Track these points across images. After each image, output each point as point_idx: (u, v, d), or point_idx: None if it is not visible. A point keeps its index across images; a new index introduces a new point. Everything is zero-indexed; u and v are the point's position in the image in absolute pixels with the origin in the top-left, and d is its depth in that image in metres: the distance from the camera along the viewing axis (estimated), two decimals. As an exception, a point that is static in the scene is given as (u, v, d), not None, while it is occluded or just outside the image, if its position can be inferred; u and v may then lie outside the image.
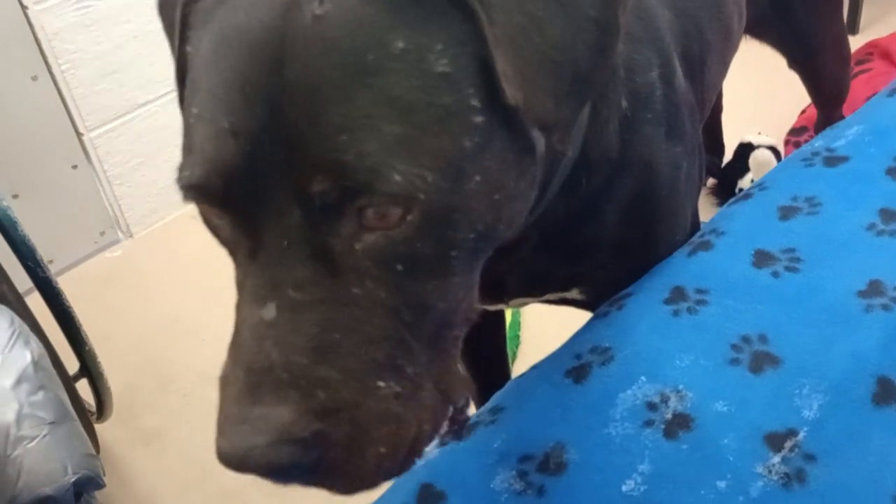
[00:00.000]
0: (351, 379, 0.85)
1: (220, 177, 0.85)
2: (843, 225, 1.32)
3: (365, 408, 0.86)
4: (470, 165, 0.86)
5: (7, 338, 1.95)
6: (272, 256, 0.86)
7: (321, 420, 0.83)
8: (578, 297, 1.46)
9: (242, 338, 0.86)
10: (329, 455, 0.84)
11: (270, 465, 0.82)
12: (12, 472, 1.75)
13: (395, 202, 0.83)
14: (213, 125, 0.85)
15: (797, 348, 1.15)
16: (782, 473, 1.03)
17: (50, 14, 2.97)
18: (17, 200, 3.07)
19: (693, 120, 1.42)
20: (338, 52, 0.82)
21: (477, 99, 0.86)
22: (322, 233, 0.85)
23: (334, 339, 0.85)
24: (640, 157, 1.28)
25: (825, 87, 2.56)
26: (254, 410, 0.82)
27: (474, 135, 0.86)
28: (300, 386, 0.83)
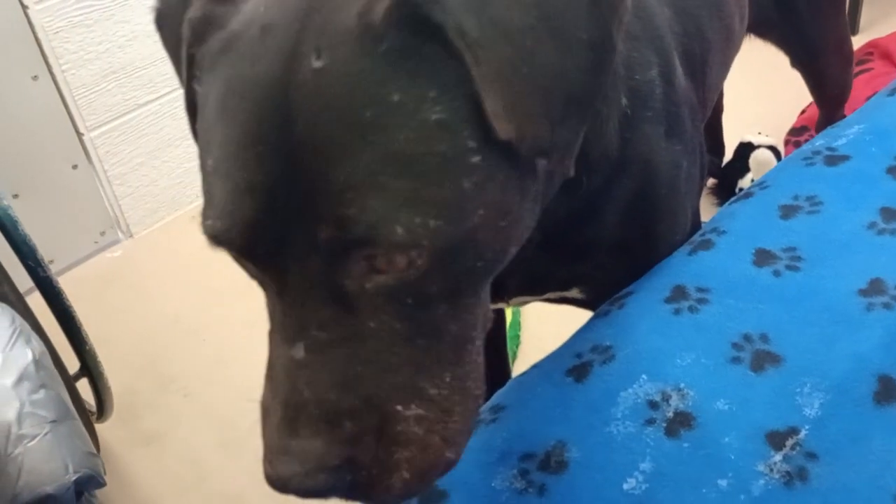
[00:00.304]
0: (372, 406, 0.92)
1: (240, 232, 0.90)
2: (844, 224, 1.32)
3: (389, 432, 0.93)
4: (471, 204, 0.88)
5: (8, 336, 1.95)
6: (297, 299, 0.91)
7: (350, 447, 0.92)
8: (578, 296, 1.46)
9: (277, 374, 0.94)
10: (358, 478, 0.93)
11: (309, 490, 0.92)
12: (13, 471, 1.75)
13: (399, 251, 0.87)
14: (229, 181, 0.89)
15: (798, 347, 1.15)
16: (784, 472, 1.03)
17: (50, 13, 2.97)
18: (17, 200, 3.07)
19: (694, 119, 1.42)
20: (337, 110, 0.84)
21: (473, 140, 0.87)
22: (336, 276, 0.89)
23: (357, 372, 0.92)
24: (640, 156, 1.29)
25: (828, 87, 2.56)
26: (292, 443, 0.91)
27: (473, 175, 0.88)
28: (329, 419, 0.91)
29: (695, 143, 1.42)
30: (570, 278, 1.42)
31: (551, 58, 0.87)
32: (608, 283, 1.39)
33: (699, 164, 1.45)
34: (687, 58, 1.46)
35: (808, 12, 2.23)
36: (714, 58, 1.61)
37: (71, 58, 3.07)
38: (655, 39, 1.33)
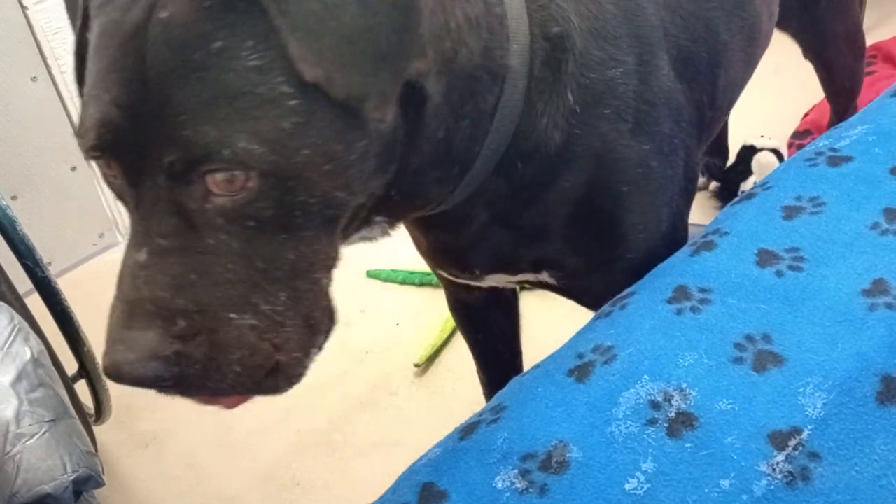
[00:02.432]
0: (205, 311, 1.04)
1: (110, 135, 1.02)
2: (847, 224, 1.32)
3: (220, 333, 1.04)
4: (294, 142, 1.01)
5: (7, 335, 1.95)
6: (147, 209, 1.04)
7: (181, 342, 1.03)
8: (550, 280, 1.51)
9: (123, 276, 1.05)
10: (189, 372, 1.04)
11: (139, 377, 1.02)
12: (11, 470, 1.75)
13: (231, 169, 1.00)
14: (99, 99, 1.03)
15: (801, 347, 1.15)
16: (786, 472, 1.03)
17: (50, 14, 2.97)
18: (15, 202, 3.07)
19: (678, 121, 1.44)
20: (174, 50, 0.99)
21: (289, 85, 1.00)
22: (179, 194, 1.02)
23: (193, 280, 1.03)
24: (592, 151, 1.34)
25: (839, 78, 2.58)
26: (127, 334, 1.03)
27: (292, 116, 1.01)
28: (163, 315, 1.02)
29: (675, 144, 1.43)
30: (536, 260, 1.48)
31: (356, 14, 0.99)
32: (577, 272, 1.47)
33: (683, 167, 1.46)
34: (688, 62, 1.47)
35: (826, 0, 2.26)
36: (732, 57, 1.62)
37: (70, 59, 3.06)
38: (634, 39, 1.37)
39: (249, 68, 0.99)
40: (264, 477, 2.52)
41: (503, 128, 1.27)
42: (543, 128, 1.30)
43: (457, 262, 1.52)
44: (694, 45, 1.49)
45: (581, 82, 1.31)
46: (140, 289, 1.03)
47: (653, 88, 1.38)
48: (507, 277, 1.54)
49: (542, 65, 1.28)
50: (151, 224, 1.03)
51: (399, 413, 2.64)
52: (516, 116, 1.28)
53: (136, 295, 1.03)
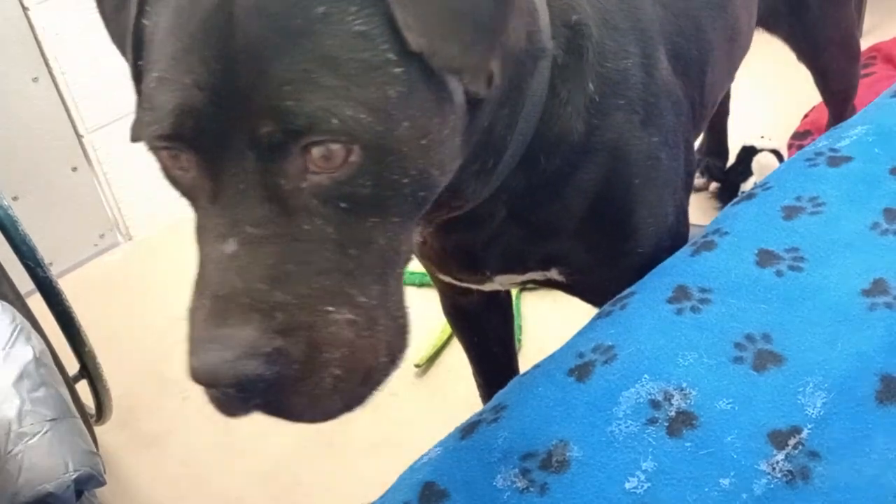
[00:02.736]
0: (304, 304, 0.96)
1: (190, 120, 0.95)
2: (846, 224, 1.33)
3: (319, 329, 0.97)
4: (397, 112, 0.97)
5: (9, 334, 1.95)
6: (232, 198, 0.97)
7: (281, 338, 0.94)
8: (559, 277, 1.49)
9: (207, 271, 0.98)
10: (288, 371, 0.95)
11: (238, 377, 0.92)
12: (13, 469, 1.75)
13: (335, 140, 0.94)
14: (176, 83, 0.96)
15: (801, 347, 1.16)
16: (786, 471, 1.03)
17: (51, 15, 2.97)
18: (16, 203, 3.07)
19: (678, 114, 1.44)
20: (271, 19, 0.93)
21: (393, 52, 0.96)
22: (273, 174, 0.96)
23: (289, 270, 0.96)
24: (609, 143, 1.33)
25: (834, 82, 2.57)
26: (221, 331, 0.93)
27: (396, 85, 0.97)
28: (261, 309, 0.94)
29: (678, 137, 1.43)
30: (546, 257, 1.45)
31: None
32: (586, 268, 1.44)
33: (684, 160, 1.46)
34: (680, 58, 1.48)
35: (816, 4, 2.24)
36: (717, 57, 1.61)
37: (71, 60, 3.08)
38: (637, 31, 1.37)
39: (354, 33, 0.95)
40: (266, 477, 2.52)
41: (531, 117, 1.25)
42: (568, 117, 1.29)
43: (469, 264, 1.48)
44: (685, 42, 1.50)
45: (599, 72, 1.30)
46: (232, 282, 0.95)
47: (657, 81, 1.38)
48: (515, 277, 1.52)
49: (566, 52, 1.27)
50: (239, 212, 0.96)
51: (400, 414, 2.64)
52: (541, 105, 1.26)
53: (228, 289, 0.95)
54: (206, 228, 1.00)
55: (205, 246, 1.00)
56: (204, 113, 0.95)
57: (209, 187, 0.99)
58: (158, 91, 0.98)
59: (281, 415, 1.00)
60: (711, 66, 1.59)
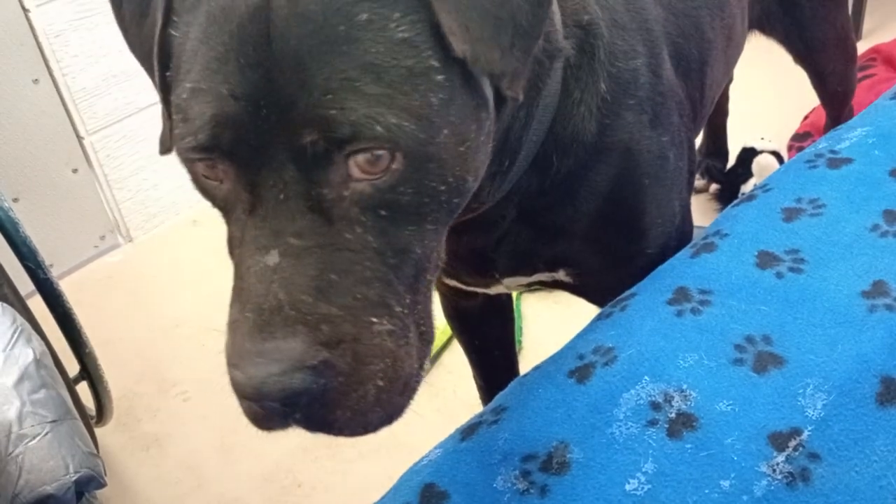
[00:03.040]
0: (349, 315, 0.96)
1: (228, 131, 0.95)
2: (847, 226, 1.32)
3: (363, 341, 0.96)
4: (439, 119, 0.97)
5: (9, 336, 1.95)
6: (272, 209, 0.96)
7: (327, 350, 0.94)
8: (566, 279, 1.49)
9: (249, 283, 0.96)
10: (334, 384, 0.94)
11: (285, 391, 0.92)
12: (13, 471, 1.75)
13: (379, 147, 0.94)
14: (212, 93, 0.95)
15: (801, 348, 1.15)
16: (786, 472, 1.03)
17: (51, 16, 2.97)
18: (17, 204, 3.07)
19: (682, 114, 1.44)
20: (313, 25, 0.93)
21: (435, 59, 0.97)
22: (315, 184, 0.96)
23: (332, 280, 0.95)
24: (621, 143, 1.33)
25: (830, 84, 2.57)
26: (266, 345, 0.92)
27: (439, 91, 0.97)
28: (307, 321, 0.93)
29: (682, 137, 1.44)
30: (554, 258, 1.44)
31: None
32: (595, 269, 1.44)
33: (687, 159, 1.47)
34: (681, 58, 1.48)
35: (809, 6, 2.24)
36: (716, 57, 1.62)
37: (72, 61, 3.07)
38: (643, 32, 1.37)
39: (398, 41, 0.95)
40: (266, 479, 2.52)
41: (544, 117, 1.25)
42: (581, 117, 1.29)
43: (478, 267, 1.48)
44: (686, 42, 1.50)
45: (610, 71, 1.30)
46: (277, 294, 0.94)
47: (664, 81, 1.39)
48: (523, 279, 1.52)
49: (578, 52, 1.27)
50: (280, 223, 0.96)
51: (400, 415, 2.64)
52: (554, 105, 1.26)
53: (272, 301, 0.94)
54: (244, 240, 0.99)
55: (245, 258, 0.98)
56: (241, 123, 0.94)
57: (246, 199, 0.98)
58: (192, 102, 0.97)
59: (322, 429, 1.00)
60: (710, 66, 1.59)
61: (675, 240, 1.45)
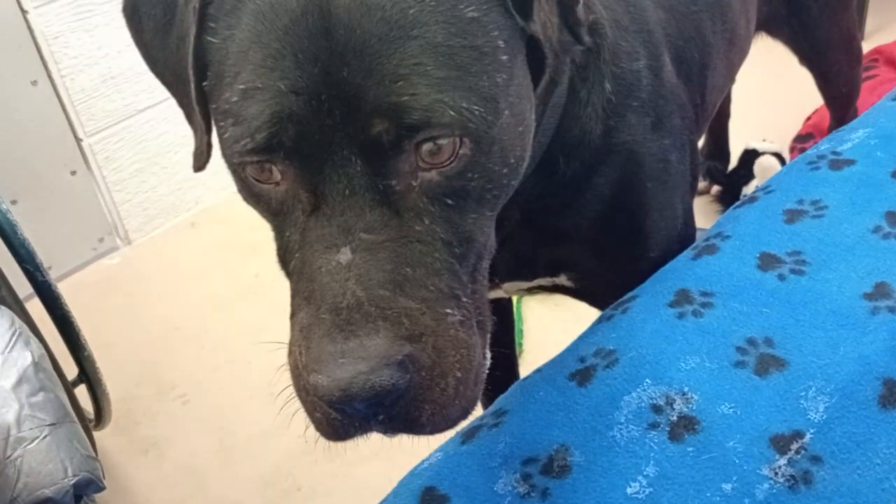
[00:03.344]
0: (427, 307, 0.95)
1: (290, 127, 0.93)
2: (849, 228, 1.32)
3: (441, 333, 0.96)
4: (503, 100, 0.97)
5: (7, 339, 1.95)
6: (338, 205, 0.95)
7: (409, 344, 0.92)
8: (567, 283, 1.48)
9: (321, 283, 0.95)
10: (418, 378, 0.93)
11: (375, 388, 0.90)
12: (12, 474, 1.75)
13: (450, 134, 0.93)
14: (269, 91, 0.93)
15: (803, 351, 1.15)
16: (788, 475, 1.03)
17: (50, 18, 2.97)
18: (15, 206, 3.05)
19: (684, 117, 1.43)
20: (381, 11, 0.92)
21: (502, 39, 0.97)
22: (382, 176, 0.94)
23: (407, 273, 0.95)
24: (624, 145, 1.32)
25: (836, 85, 2.57)
26: (349, 343, 0.91)
27: (503, 72, 0.97)
28: (388, 316, 0.92)
29: (684, 139, 1.43)
30: (555, 262, 1.44)
31: None
32: (596, 272, 1.42)
33: (690, 162, 1.46)
34: (682, 61, 1.47)
35: (817, 8, 2.24)
36: (717, 60, 1.61)
37: (70, 63, 3.07)
38: (644, 34, 1.36)
39: (468, 20, 0.94)
40: (265, 482, 2.51)
41: (552, 117, 1.24)
42: (587, 117, 1.28)
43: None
44: (686, 45, 1.49)
45: (615, 72, 1.30)
46: (354, 291, 0.93)
47: (665, 83, 1.38)
48: (523, 284, 1.51)
49: (584, 50, 1.25)
50: (348, 219, 0.94)
51: (400, 418, 2.64)
52: (561, 106, 1.25)
53: (350, 299, 0.93)
54: (307, 241, 0.98)
55: (313, 259, 0.97)
56: (304, 118, 0.92)
57: (306, 199, 0.97)
58: (246, 103, 0.95)
59: (406, 429, 0.99)
60: (712, 70, 1.59)
61: (678, 243, 1.44)
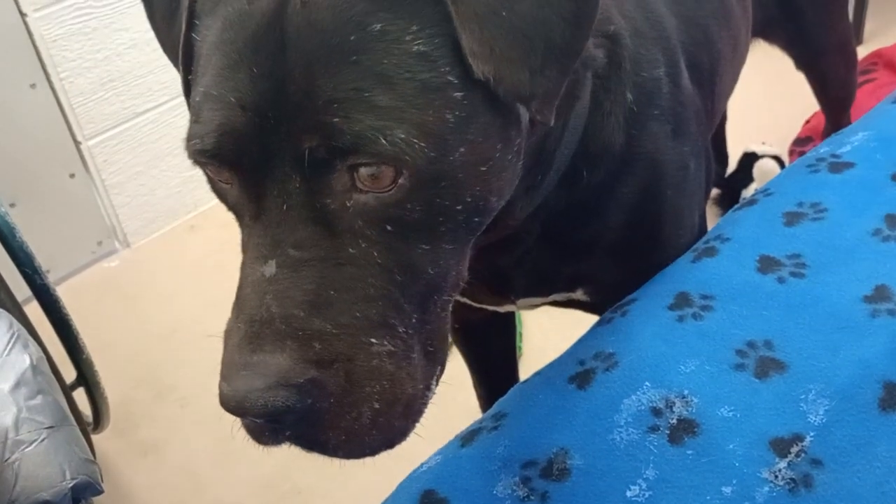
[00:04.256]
0: (345, 333, 0.93)
1: (232, 141, 0.93)
2: (848, 231, 1.32)
3: (358, 362, 0.93)
4: (454, 138, 0.93)
5: (6, 341, 1.95)
6: (274, 218, 0.94)
7: (316, 369, 0.91)
8: (583, 297, 1.46)
9: (245, 293, 0.95)
10: (322, 404, 0.92)
11: (266, 408, 0.89)
12: (10, 477, 1.74)
13: (384, 163, 0.90)
14: (221, 101, 0.93)
15: (803, 354, 1.15)
16: (788, 479, 1.03)
17: (49, 21, 2.96)
18: (13, 209, 3.05)
19: (700, 123, 1.43)
20: (324, 34, 0.90)
21: (454, 75, 0.92)
22: (318, 193, 0.93)
23: (330, 296, 0.93)
24: (646, 154, 1.30)
25: (832, 89, 2.57)
26: (253, 357, 0.90)
27: (456, 109, 0.92)
28: (297, 337, 0.91)
29: (700, 146, 1.42)
30: (574, 278, 1.42)
31: (531, 5, 0.92)
32: (613, 285, 1.39)
33: (705, 169, 1.45)
34: (694, 67, 1.46)
35: (812, 12, 2.24)
36: (724, 67, 1.61)
37: (69, 66, 3.07)
38: (663, 40, 1.35)
39: (413, 54, 0.91)
40: (264, 485, 2.51)
41: (576, 129, 1.21)
42: (611, 128, 1.25)
43: (495, 287, 1.43)
44: (697, 50, 1.48)
45: (636, 81, 1.28)
46: (269, 306, 0.92)
47: (683, 90, 1.37)
48: (538, 300, 1.49)
49: (607, 62, 1.23)
50: (281, 233, 0.93)
51: (399, 421, 2.63)
52: (584, 117, 1.22)
53: (264, 314, 0.92)
54: (248, 247, 0.97)
55: (245, 267, 0.97)
56: (246, 134, 0.92)
57: (251, 206, 0.97)
58: (204, 107, 0.96)
59: (315, 449, 0.98)
60: (720, 76, 1.58)
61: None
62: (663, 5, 1.40)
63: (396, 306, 0.96)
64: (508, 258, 1.34)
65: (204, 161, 0.97)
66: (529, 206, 1.22)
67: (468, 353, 2.03)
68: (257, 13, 0.93)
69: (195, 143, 0.96)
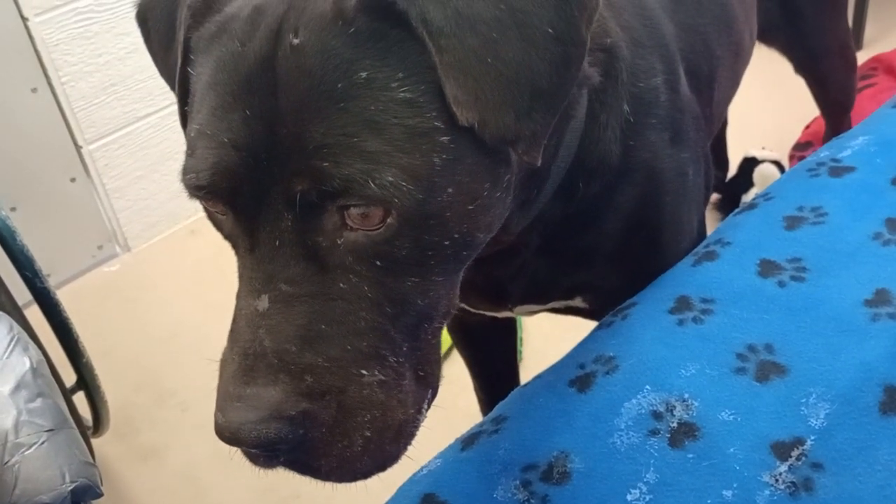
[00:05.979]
0: (336, 366, 0.95)
1: (226, 179, 0.95)
2: (849, 235, 1.32)
3: (349, 393, 0.96)
4: (441, 180, 0.94)
5: (6, 344, 1.94)
6: (267, 254, 0.96)
7: (308, 401, 0.94)
8: (582, 305, 1.47)
9: (239, 325, 0.97)
10: (315, 434, 0.95)
11: (259, 439, 0.93)
12: (9, 480, 1.74)
13: (372, 205, 0.93)
14: (215, 139, 0.96)
15: (804, 357, 1.15)
16: (789, 482, 1.03)
17: (50, 26, 2.96)
18: (14, 213, 3.05)
19: (698, 129, 1.43)
20: (313, 80, 0.92)
21: (440, 121, 0.94)
22: (309, 232, 0.95)
23: (321, 330, 0.95)
24: (644, 163, 1.30)
25: (831, 93, 2.58)
26: (247, 390, 0.93)
27: (443, 152, 0.94)
28: (290, 370, 0.94)
29: (699, 152, 1.42)
30: (573, 286, 1.42)
31: (516, 50, 0.92)
32: (612, 292, 1.39)
33: (704, 175, 1.45)
34: (693, 74, 1.46)
35: (812, 15, 2.24)
36: (723, 73, 1.61)
37: (70, 70, 3.07)
38: (661, 48, 1.35)
39: (399, 100, 0.92)
40: (265, 490, 2.50)
41: (571, 143, 1.21)
42: (607, 140, 1.25)
43: (494, 297, 1.44)
44: (696, 57, 1.48)
45: (632, 91, 1.28)
46: (262, 340, 0.95)
47: (681, 97, 1.37)
48: (536, 307, 1.50)
49: (603, 76, 1.23)
50: (274, 268, 0.96)
51: (399, 425, 2.63)
52: (580, 131, 1.22)
53: (257, 347, 0.94)
54: (243, 279, 0.99)
55: (240, 299, 0.99)
56: (238, 174, 0.94)
57: (245, 240, 0.99)
58: (198, 143, 0.98)
59: (308, 473, 1.01)
60: (719, 82, 1.58)
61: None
62: (662, 12, 1.40)
63: (387, 338, 0.99)
64: (506, 269, 1.36)
65: (199, 195, 1.00)
66: (525, 220, 1.23)
67: (469, 357, 2.03)
68: (250, 55, 0.95)
69: (191, 178, 0.98)
